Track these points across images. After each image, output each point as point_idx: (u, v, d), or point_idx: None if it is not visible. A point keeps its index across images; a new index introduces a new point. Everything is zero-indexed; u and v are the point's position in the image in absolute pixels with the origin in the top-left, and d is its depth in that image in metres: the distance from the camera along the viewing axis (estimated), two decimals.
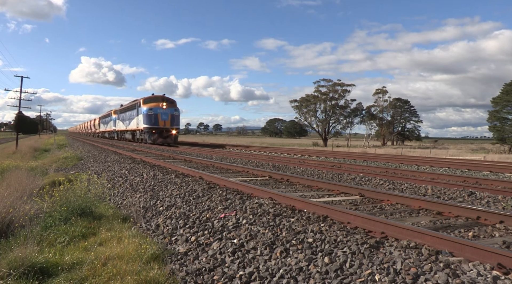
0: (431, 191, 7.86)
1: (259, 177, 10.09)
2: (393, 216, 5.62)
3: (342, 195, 7.44)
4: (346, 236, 4.34)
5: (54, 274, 4.28)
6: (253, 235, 4.72)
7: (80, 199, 7.02)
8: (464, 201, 6.91)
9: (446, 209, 5.71)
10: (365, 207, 6.26)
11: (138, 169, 12.42)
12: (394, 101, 74.72)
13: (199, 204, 6.71)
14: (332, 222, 5.04)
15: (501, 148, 47.18)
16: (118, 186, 10.01)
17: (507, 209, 6.22)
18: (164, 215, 6.50)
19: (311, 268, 3.68)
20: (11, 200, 6.33)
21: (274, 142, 77.17)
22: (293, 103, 71.54)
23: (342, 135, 75.10)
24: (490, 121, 49.73)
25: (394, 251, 3.81)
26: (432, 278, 3.15)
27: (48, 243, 5.39)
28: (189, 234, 5.26)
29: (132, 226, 6.23)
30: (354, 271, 3.49)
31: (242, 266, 4.00)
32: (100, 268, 4.29)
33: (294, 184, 8.91)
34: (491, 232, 4.73)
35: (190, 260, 4.46)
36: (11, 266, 4.14)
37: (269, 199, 6.54)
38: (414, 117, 78.41)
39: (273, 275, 3.70)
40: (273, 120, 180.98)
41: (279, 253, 4.09)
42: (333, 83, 68.00)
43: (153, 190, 8.63)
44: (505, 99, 47.24)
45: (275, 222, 5.11)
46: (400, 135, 77.38)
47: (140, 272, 4.07)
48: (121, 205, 7.94)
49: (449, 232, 4.68)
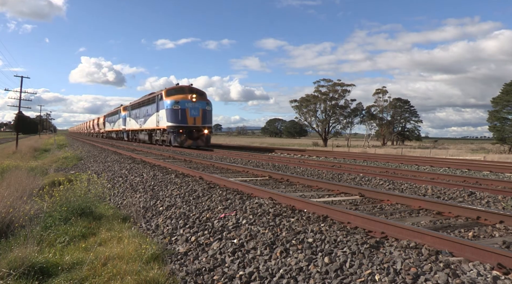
0: (431, 191, 7.86)
1: (259, 177, 10.09)
2: (393, 216, 5.62)
3: (342, 195, 7.44)
4: (346, 236, 4.34)
5: (54, 274, 4.28)
6: (253, 235, 4.72)
7: (80, 199, 7.02)
8: (464, 201, 6.91)
9: (446, 209, 5.71)
10: (365, 207, 6.26)
11: (138, 169, 12.42)
12: (394, 101, 74.73)
13: (199, 204, 6.70)
14: (332, 222, 5.04)
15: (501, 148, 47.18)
16: (118, 186, 10.01)
17: (507, 209, 6.22)
18: (164, 215, 6.50)
19: (311, 268, 3.68)
20: (11, 200, 6.33)
21: (274, 142, 77.13)
22: (293, 103, 71.57)
23: (342, 135, 75.12)
24: (490, 121, 49.75)
25: (394, 251, 3.81)
26: (432, 278, 3.15)
27: (48, 243, 5.39)
28: (189, 234, 5.26)
29: (132, 226, 6.23)
30: (354, 271, 3.49)
31: (242, 266, 4.00)
32: (100, 268, 4.29)
33: (294, 184, 8.91)
34: (491, 232, 4.73)
35: (190, 260, 4.46)
36: (11, 266, 4.14)
37: (269, 199, 6.54)
38: (414, 117, 78.42)
39: (273, 275, 3.70)
40: (273, 120, 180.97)
41: (279, 253, 4.09)
42: (333, 83, 68.02)
43: (153, 190, 8.63)
44: (505, 99, 47.25)
45: (275, 222, 5.11)
46: (400, 135, 77.37)
47: (140, 272, 4.07)
48: (121, 205, 7.94)
49: (449, 232, 4.68)
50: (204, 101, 27.38)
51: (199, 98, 27.13)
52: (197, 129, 26.66)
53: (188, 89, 28.13)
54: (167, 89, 28.00)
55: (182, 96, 26.77)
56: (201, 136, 26.85)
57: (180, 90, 27.91)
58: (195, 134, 26.63)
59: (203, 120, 26.80)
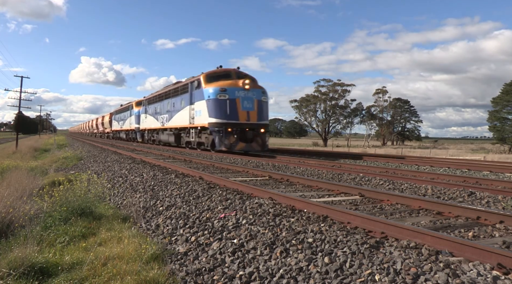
0: (431, 191, 7.86)
1: (259, 177, 10.09)
2: (393, 216, 5.62)
3: (342, 195, 7.44)
4: (346, 236, 4.34)
5: (54, 274, 4.28)
6: (253, 235, 4.72)
7: (80, 199, 7.02)
8: (464, 201, 6.91)
9: (446, 209, 5.71)
10: (365, 207, 6.26)
11: (138, 169, 12.43)
12: (394, 101, 74.82)
13: (199, 204, 6.71)
14: (332, 222, 5.04)
15: (501, 148, 47.22)
16: (118, 186, 10.01)
17: (507, 209, 6.22)
18: (164, 215, 6.50)
19: (311, 268, 3.68)
20: (11, 200, 6.33)
21: (274, 142, 77.16)
22: (293, 103, 71.66)
23: (342, 135, 75.20)
24: (490, 121, 49.81)
25: (394, 251, 3.81)
26: (432, 278, 3.15)
27: (48, 243, 5.39)
28: (189, 234, 5.26)
29: (132, 226, 6.23)
30: (354, 271, 3.49)
31: (242, 266, 4.00)
32: (100, 268, 4.29)
33: (294, 184, 8.91)
34: (491, 232, 4.73)
35: (190, 260, 4.46)
36: (11, 266, 4.14)
37: (269, 199, 6.54)
38: (414, 117, 78.52)
39: (273, 275, 3.70)
40: (273, 120, 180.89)
41: (279, 253, 4.09)
42: (333, 83, 68.10)
43: (153, 190, 8.63)
44: (505, 99, 47.30)
45: (275, 222, 5.11)
46: (400, 135, 77.40)
47: (140, 272, 4.07)
48: (121, 205, 7.94)
49: (449, 232, 4.68)
50: (260, 90, 19.73)
51: (253, 86, 19.45)
52: (252, 128, 18.99)
53: (235, 73, 20.55)
54: (207, 74, 20.50)
55: (230, 82, 19.32)
56: (257, 138, 19.05)
57: (224, 74, 20.41)
58: (249, 134, 18.89)
59: (259, 115, 19.23)
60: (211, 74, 20.47)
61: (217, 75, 20.33)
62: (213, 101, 18.94)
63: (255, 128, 19.14)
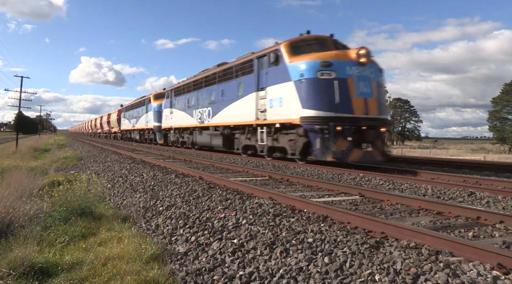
0: (431, 191, 7.86)
1: (259, 177, 10.09)
2: (393, 216, 5.62)
3: (342, 195, 7.44)
4: (346, 236, 4.34)
5: (54, 274, 4.28)
6: (253, 235, 4.72)
7: (80, 199, 7.02)
8: (464, 201, 6.91)
9: (446, 209, 5.71)
10: (365, 207, 6.26)
11: (138, 169, 12.43)
12: (394, 101, 74.84)
13: (199, 204, 6.71)
14: (332, 222, 5.04)
15: (501, 148, 47.23)
16: (118, 186, 10.01)
17: (507, 209, 6.22)
18: (164, 215, 6.50)
19: (311, 268, 3.68)
20: (11, 200, 6.33)
21: None
22: None
23: None
24: (490, 121, 49.84)
25: (394, 251, 3.81)
26: (432, 278, 3.15)
27: (48, 243, 5.39)
28: (189, 234, 5.26)
29: (132, 226, 6.23)
30: (354, 271, 3.49)
31: (242, 266, 4.00)
32: (100, 268, 4.29)
33: (294, 184, 8.91)
34: (491, 232, 4.73)
35: (190, 260, 4.46)
36: (11, 266, 4.14)
37: (269, 199, 6.54)
38: (414, 117, 78.57)
39: (273, 275, 3.70)
40: None
41: (279, 253, 4.09)
42: None
43: (153, 190, 8.63)
44: (505, 99, 47.33)
45: (275, 222, 5.11)
46: (400, 135, 77.41)
47: (140, 272, 4.07)
48: (121, 205, 7.94)
49: (449, 232, 4.68)
50: (377, 66, 12.79)
51: (369, 61, 12.38)
52: (372, 126, 12.19)
53: (332, 42, 13.84)
54: (291, 41, 13.64)
55: (335, 53, 12.49)
56: (377, 140, 12.33)
57: (318, 42, 13.70)
58: (369, 136, 12.10)
59: (379, 106, 12.41)
60: (297, 43, 13.61)
61: (307, 44, 13.56)
62: (310, 83, 12.02)
63: (375, 126, 12.29)
